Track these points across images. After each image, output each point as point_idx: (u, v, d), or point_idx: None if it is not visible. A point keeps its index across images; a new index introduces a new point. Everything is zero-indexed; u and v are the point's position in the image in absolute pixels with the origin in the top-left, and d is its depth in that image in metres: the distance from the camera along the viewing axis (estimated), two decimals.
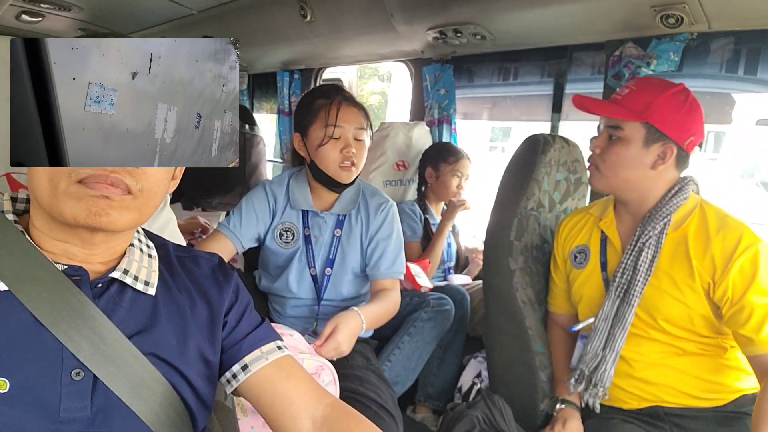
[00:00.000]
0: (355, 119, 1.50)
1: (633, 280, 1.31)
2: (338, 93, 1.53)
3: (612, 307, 1.35)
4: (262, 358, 0.83)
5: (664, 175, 1.32)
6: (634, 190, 1.34)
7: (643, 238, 1.32)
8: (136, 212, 0.70)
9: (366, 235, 1.59)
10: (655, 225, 1.31)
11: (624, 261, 1.34)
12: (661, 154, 1.29)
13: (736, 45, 1.72)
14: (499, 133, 7.14)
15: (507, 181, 1.62)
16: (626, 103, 1.30)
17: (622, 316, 1.32)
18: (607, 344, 1.34)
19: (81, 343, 0.68)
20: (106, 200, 0.66)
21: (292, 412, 0.81)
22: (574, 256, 1.49)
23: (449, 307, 1.84)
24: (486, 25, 1.97)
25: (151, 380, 0.72)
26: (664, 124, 1.26)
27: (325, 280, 1.58)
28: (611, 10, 1.64)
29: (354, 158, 1.49)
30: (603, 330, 1.35)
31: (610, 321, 1.35)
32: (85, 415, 0.68)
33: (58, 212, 0.66)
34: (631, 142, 1.29)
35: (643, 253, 1.31)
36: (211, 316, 0.82)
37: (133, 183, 0.68)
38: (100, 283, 0.73)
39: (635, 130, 1.28)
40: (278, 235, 1.58)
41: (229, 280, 0.86)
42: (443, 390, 1.93)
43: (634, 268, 1.32)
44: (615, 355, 1.33)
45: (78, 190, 0.65)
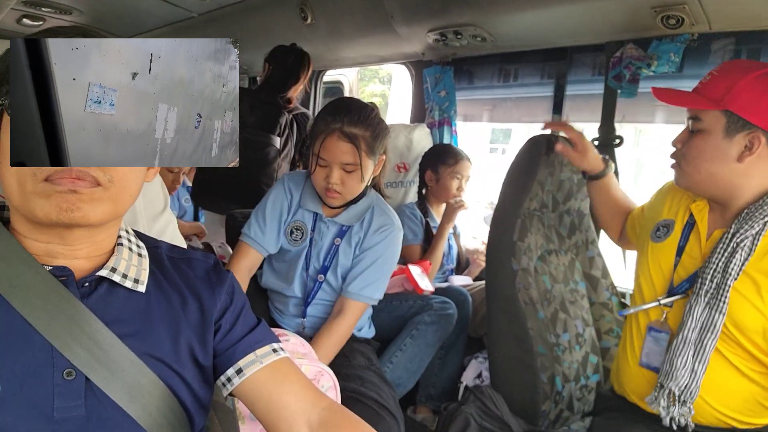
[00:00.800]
0: (342, 155, 1.43)
1: (722, 283, 1.16)
2: (340, 119, 1.43)
3: (701, 314, 1.19)
4: (256, 361, 0.81)
5: (758, 169, 1.17)
6: (723, 188, 1.20)
7: (737, 237, 1.17)
8: (110, 203, 0.69)
9: (359, 249, 1.55)
10: (753, 224, 1.16)
11: (714, 261, 1.19)
12: (748, 144, 1.15)
13: (737, 45, 1.72)
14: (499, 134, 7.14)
15: (509, 181, 1.62)
16: (705, 91, 1.19)
17: (711, 324, 1.17)
18: (696, 356, 1.18)
19: (76, 349, 0.67)
20: (74, 194, 0.65)
21: (287, 416, 0.80)
22: (656, 229, 1.36)
23: (452, 311, 1.84)
24: (486, 27, 1.97)
25: (148, 384, 0.72)
26: (747, 111, 1.13)
27: (317, 286, 1.57)
28: (611, 11, 1.64)
29: (336, 188, 1.45)
30: (691, 340, 1.19)
31: (697, 330, 1.19)
32: (80, 415, 0.67)
33: (29, 212, 0.66)
34: (711, 133, 1.18)
35: (737, 254, 1.16)
36: (202, 318, 0.80)
37: (100, 174, 0.67)
38: (87, 282, 0.72)
39: (715, 119, 1.17)
40: (289, 233, 1.58)
41: (222, 281, 0.85)
42: (444, 390, 1.93)
43: (725, 270, 1.17)
44: (704, 368, 1.18)
45: (45, 187, 0.64)
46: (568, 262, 1.68)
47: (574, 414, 1.57)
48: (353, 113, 1.45)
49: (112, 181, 0.68)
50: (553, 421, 1.53)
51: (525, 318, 1.50)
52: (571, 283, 1.66)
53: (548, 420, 1.51)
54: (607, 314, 1.70)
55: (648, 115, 2.11)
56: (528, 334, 1.50)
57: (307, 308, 1.58)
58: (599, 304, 1.70)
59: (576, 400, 1.56)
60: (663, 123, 2.15)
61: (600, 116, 1.92)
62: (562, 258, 1.67)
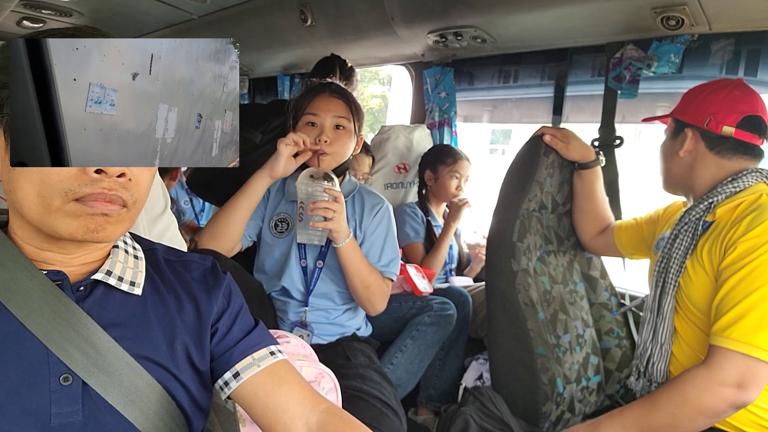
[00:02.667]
0: (334, 108, 1.51)
1: (668, 267, 1.31)
2: (326, 86, 1.55)
3: (654, 299, 1.34)
4: (253, 365, 0.81)
5: (699, 162, 1.33)
6: (679, 182, 1.39)
7: (679, 225, 1.32)
8: (128, 222, 0.70)
9: (360, 232, 1.59)
10: (692, 211, 1.31)
11: (664, 249, 1.35)
12: (683, 138, 1.34)
13: (737, 46, 1.72)
14: (499, 135, 7.16)
15: (509, 182, 1.62)
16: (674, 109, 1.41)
17: (661, 306, 1.32)
18: (653, 337, 1.33)
19: (73, 353, 0.67)
20: (104, 217, 0.66)
21: (285, 420, 0.79)
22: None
23: (452, 312, 1.83)
24: (486, 28, 1.97)
25: (146, 387, 0.71)
26: (681, 113, 1.36)
27: (316, 273, 1.57)
28: (611, 12, 1.64)
29: (327, 147, 1.48)
30: (650, 321, 1.34)
31: (654, 312, 1.34)
32: (77, 420, 0.67)
33: (51, 229, 0.66)
34: (666, 138, 1.41)
35: (677, 239, 1.31)
36: (198, 321, 0.80)
37: (128, 196, 0.67)
38: (82, 286, 0.72)
39: (669, 126, 1.41)
40: (273, 226, 1.59)
41: (219, 284, 0.84)
42: (445, 391, 1.93)
43: (669, 256, 1.32)
44: (661, 348, 1.32)
45: (75, 208, 0.64)
46: (566, 263, 1.68)
47: (575, 415, 1.57)
48: (330, 84, 1.57)
49: (136, 202, 0.69)
50: (554, 423, 1.53)
51: (525, 319, 1.50)
52: (570, 284, 1.66)
53: (549, 421, 1.50)
54: (606, 315, 1.69)
55: (648, 116, 2.11)
56: (528, 335, 1.49)
57: (309, 297, 1.57)
58: (599, 305, 1.70)
59: (577, 402, 1.56)
60: (663, 124, 2.14)
61: (600, 117, 1.93)
62: (561, 259, 1.67)
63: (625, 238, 1.61)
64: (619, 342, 1.67)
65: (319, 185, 1.41)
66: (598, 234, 1.67)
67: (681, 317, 1.32)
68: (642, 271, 1.69)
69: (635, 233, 1.59)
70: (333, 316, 1.59)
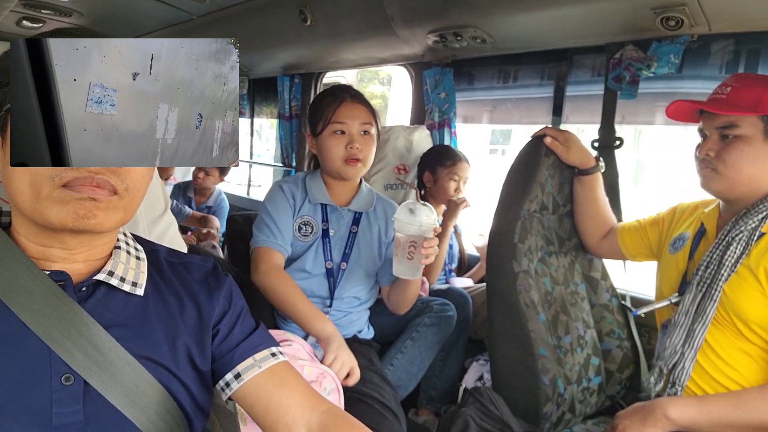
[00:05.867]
0: (360, 114, 1.53)
1: (717, 274, 1.26)
2: (344, 91, 1.56)
3: (693, 302, 1.30)
4: (255, 366, 0.81)
5: None
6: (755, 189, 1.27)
7: (733, 232, 1.27)
8: (122, 212, 0.69)
9: (385, 237, 1.61)
10: (748, 220, 1.25)
11: (709, 254, 1.29)
12: None
13: (736, 46, 1.72)
14: (499, 136, 7.16)
15: (509, 183, 1.61)
16: (735, 101, 1.24)
17: (702, 311, 1.27)
18: (686, 341, 1.29)
19: (75, 353, 0.67)
20: (92, 202, 0.65)
21: (286, 421, 0.79)
22: (674, 242, 1.46)
23: (452, 313, 1.83)
24: (486, 29, 1.97)
25: (147, 387, 0.71)
26: None
27: (341, 274, 1.58)
28: (611, 12, 1.64)
29: (359, 154, 1.50)
30: (684, 325, 1.30)
31: (691, 316, 1.29)
32: (78, 420, 0.67)
33: (42, 218, 0.65)
34: (751, 137, 1.23)
35: (731, 247, 1.26)
36: (200, 322, 0.80)
37: (118, 183, 0.67)
38: (84, 286, 0.72)
39: (752, 125, 1.23)
40: (297, 229, 1.58)
41: (220, 285, 0.85)
42: (445, 392, 1.93)
43: (720, 263, 1.26)
44: (694, 353, 1.28)
45: (63, 194, 0.64)
46: (567, 264, 1.68)
47: (576, 416, 1.57)
48: (349, 89, 1.59)
49: (128, 189, 0.69)
50: (555, 424, 1.52)
51: (526, 320, 1.49)
52: (571, 285, 1.66)
53: (550, 422, 1.50)
54: (608, 316, 1.69)
55: (648, 116, 2.11)
56: (529, 336, 1.49)
57: (333, 300, 1.58)
58: (600, 306, 1.70)
59: (578, 403, 1.56)
60: (663, 125, 2.15)
61: (600, 118, 1.93)
62: (562, 260, 1.67)
63: (629, 241, 1.60)
64: (620, 343, 1.67)
65: (428, 222, 1.36)
66: (602, 238, 1.66)
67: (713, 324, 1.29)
68: (642, 272, 1.69)
69: (639, 236, 1.58)
70: (337, 317, 1.59)
